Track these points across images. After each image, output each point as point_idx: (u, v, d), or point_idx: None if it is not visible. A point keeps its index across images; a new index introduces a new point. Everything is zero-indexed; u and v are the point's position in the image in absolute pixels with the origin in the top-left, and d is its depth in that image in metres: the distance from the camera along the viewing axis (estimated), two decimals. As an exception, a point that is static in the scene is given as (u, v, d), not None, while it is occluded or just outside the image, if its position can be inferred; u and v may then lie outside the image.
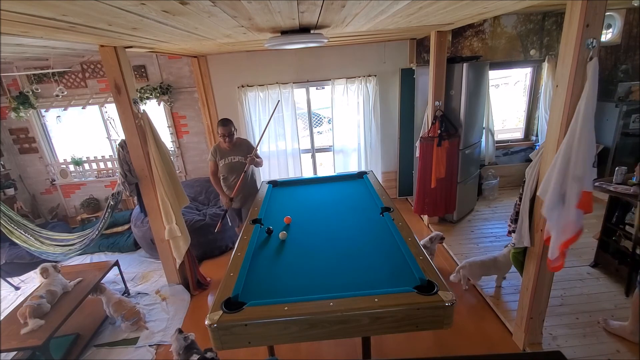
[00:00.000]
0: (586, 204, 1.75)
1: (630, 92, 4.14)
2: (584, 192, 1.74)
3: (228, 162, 3.21)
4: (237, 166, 3.21)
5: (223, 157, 3.20)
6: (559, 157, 1.78)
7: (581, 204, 1.75)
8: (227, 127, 3.10)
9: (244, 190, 3.31)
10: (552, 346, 2.35)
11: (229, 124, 3.13)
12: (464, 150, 3.92)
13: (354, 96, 4.73)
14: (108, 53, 2.59)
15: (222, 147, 3.21)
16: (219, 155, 3.22)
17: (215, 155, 3.23)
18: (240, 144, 3.29)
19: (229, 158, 3.21)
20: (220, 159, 3.21)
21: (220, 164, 3.22)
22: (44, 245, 3.23)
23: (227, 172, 3.25)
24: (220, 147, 3.21)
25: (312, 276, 1.83)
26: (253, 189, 3.42)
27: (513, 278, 3.03)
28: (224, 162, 3.20)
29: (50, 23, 1.52)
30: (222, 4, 1.43)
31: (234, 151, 3.21)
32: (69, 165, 5.01)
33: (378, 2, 1.68)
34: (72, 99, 4.60)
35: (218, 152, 3.22)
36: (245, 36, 2.57)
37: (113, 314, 2.91)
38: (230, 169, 3.23)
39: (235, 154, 3.21)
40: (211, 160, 3.26)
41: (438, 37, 3.47)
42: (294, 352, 2.52)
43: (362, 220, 2.43)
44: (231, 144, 3.17)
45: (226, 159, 3.20)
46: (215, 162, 3.23)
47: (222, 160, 3.20)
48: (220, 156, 3.21)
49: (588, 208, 1.76)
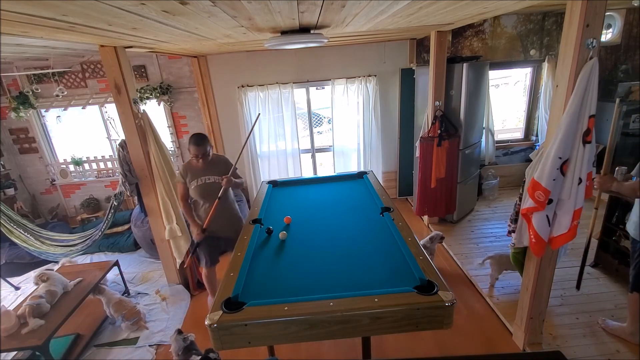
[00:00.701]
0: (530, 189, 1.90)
1: (630, 92, 4.13)
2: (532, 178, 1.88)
3: (201, 183, 2.65)
4: (212, 188, 2.67)
5: (195, 177, 2.65)
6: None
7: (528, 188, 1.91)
8: (202, 146, 2.57)
9: (220, 219, 2.75)
10: (552, 346, 2.35)
11: (203, 143, 2.58)
12: (464, 150, 3.92)
13: (354, 96, 4.73)
14: (108, 53, 2.59)
15: (193, 166, 2.67)
16: (189, 175, 2.67)
17: (185, 175, 2.67)
18: (217, 161, 2.75)
19: (202, 179, 2.65)
20: (191, 180, 2.66)
21: (192, 186, 2.66)
22: (44, 245, 3.23)
23: (199, 195, 2.69)
24: (192, 165, 2.68)
25: (312, 276, 1.83)
26: (234, 218, 2.88)
27: (513, 278, 3.03)
28: (196, 183, 2.65)
29: (50, 23, 1.52)
30: (222, 4, 1.43)
31: (208, 170, 2.67)
32: (69, 165, 5.01)
33: (378, 2, 1.68)
34: (72, 99, 4.60)
35: (189, 171, 2.68)
36: (245, 36, 2.57)
37: (113, 314, 2.91)
38: (203, 192, 2.67)
39: (210, 173, 2.67)
40: (179, 182, 2.70)
41: (438, 37, 3.47)
42: (294, 352, 2.52)
43: (362, 220, 2.43)
44: (205, 162, 2.65)
45: (199, 180, 2.65)
46: (185, 184, 2.68)
47: (194, 182, 2.65)
48: (192, 176, 2.66)
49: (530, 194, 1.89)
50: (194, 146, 2.56)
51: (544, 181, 1.81)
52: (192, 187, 2.66)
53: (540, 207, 1.86)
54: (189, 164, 2.70)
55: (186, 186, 2.69)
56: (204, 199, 2.72)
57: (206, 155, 2.61)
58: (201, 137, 2.60)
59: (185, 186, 2.70)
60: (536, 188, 1.83)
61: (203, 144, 2.58)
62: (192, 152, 2.58)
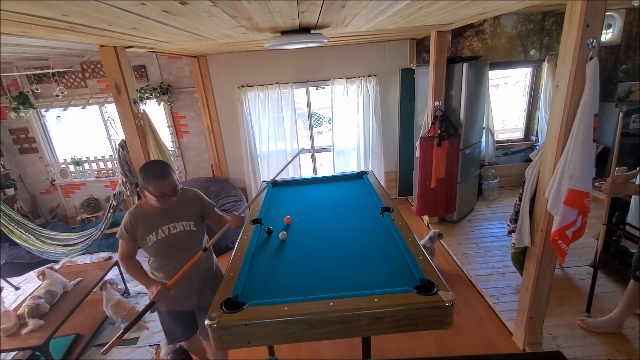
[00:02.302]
0: (574, 202, 1.78)
1: (630, 92, 4.14)
2: (571, 190, 1.77)
3: (164, 236, 1.78)
4: (181, 241, 1.83)
5: (152, 228, 1.77)
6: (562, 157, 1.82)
7: (568, 201, 1.80)
8: (169, 179, 1.71)
9: (195, 282, 1.90)
10: (552, 346, 2.35)
11: (170, 174, 1.72)
12: (464, 150, 3.92)
13: (354, 96, 4.73)
14: (108, 53, 2.59)
15: (148, 212, 1.79)
16: (141, 228, 1.77)
17: (133, 229, 1.76)
18: (189, 199, 1.90)
19: (164, 229, 1.79)
20: (145, 234, 1.77)
21: (149, 243, 1.77)
22: (45, 245, 3.24)
23: (162, 253, 1.82)
24: (145, 211, 1.79)
25: (312, 276, 1.83)
26: (217, 278, 1.96)
27: (513, 278, 3.03)
28: (155, 237, 1.77)
29: (50, 23, 1.52)
30: (222, 4, 1.43)
31: (174, 214, 1.82)
32: (69, 165, 5.01)
33: (378, 2, 1.68)
34: (72, 99, 4.60)
35: (139, 223, 1.77)
36: (245, 36, 2.57)
37: (112, 315, 2.91)
38: (169, 249, 1.81)
39: (176, 218, 1.83)
40: (123, 240, 1.80)
41: (438, 37, 3.47)
42: (294, 352, 2.52)
43: (362, 220, 2.43)
44: (169, 204, 1.76)
45: (159, 232, 1.78)
46: (132, 242, 1.80)
47: (151, 235, 1.77)
48: (147, 228, 1.77)
49: (577, 206, 1.79)
50: (159, 181, 1.67)
51: (588, 186, 1.77)
52: (150, 243, 1.77)
53: (587, 214, 1.85)
54: (139, 210, 1.79)
55: (134, 244, 1.80)
56: (170, 257, 1.83)
57: (176, 191, 1.74)
58: (164, 167, 1.73)
59: (133, 245, 1.80)
60: (584, 196, 1.77)
61: (170, 175, 1.71)
62: (154, 190, 1.67)
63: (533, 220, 2.13)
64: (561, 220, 1.86)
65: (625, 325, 2.41)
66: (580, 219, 1.87)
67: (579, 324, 2.48)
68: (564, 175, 1.81)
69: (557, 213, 1.88)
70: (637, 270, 2.21)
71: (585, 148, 1.71)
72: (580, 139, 1.71)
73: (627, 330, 2.41)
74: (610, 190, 2.12)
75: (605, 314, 2.49)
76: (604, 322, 2.41)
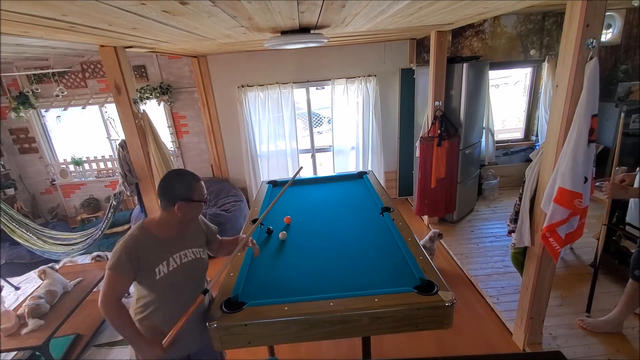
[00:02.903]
0: (563, 200, 1.80)
1: (630, 92, 4.14)
2: (560, 188, 1.79)
3: (177, 266, 1.45)
4: (194, 271, 1.53)
5: (163, 257, 1.42)
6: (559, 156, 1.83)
7: (557, 199, 1.82)
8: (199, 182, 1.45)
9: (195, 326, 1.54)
10: (552, 346, 2.35)
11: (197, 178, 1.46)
12: (464, 150, 3.92)
13: (354, 96, 4.73)
14: (108, 53, 2.59)
15: (158, 236, 1.43)
16: (149, 256, 1.39)
17: (138, 257, 1.36)
18: (197, 223, 1.63)
19: (177, 257, 1.46)
20: (152, 266, 1.39)
21: (157, 276, 1.39)
22: (46, 245, 3.24)
23: (172, 288, 1.45)
24: (154, 234, 1.42)
25: (312, 276, 1.83)
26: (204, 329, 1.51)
27: (513, 278, 3.03)
28: (167, 269, 1.41)
29: (50, 23, 1.52)
30: (222, 4, 1.43)
31: (187, 239, 1.52)
32: (69, 165, 5.01)
33: (378, 2, 1.68)
34: (72, 99, 4.60)
35: (147, 249, 1.39)
36: (245, 36, 2.57)
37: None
38: (180, 282, 1.47)
39: (188, 244, 1.52)
40: (118, 275, 1.35)
41: (438, 37, 3.47)
42: (294, 352, 2.52)
43: (362, 220, 2.43)
44: (185, 226, 1.50)
45: (172, 262, 1.43)
46: (128, 279, 1.38)
47: (162, 266, 1.40)
48: (154, 258, 1.40)
49: (566, 204, 1.80)
50: (200, 182, 1.44)
51: (578, 186, 1.77)
52: (159, 276, 1.39)
53: (583, 215, 1.86)
54: (147, 234, 1.41)
55: (129, 281, 1.38)
56: (178, 294, 1.46)
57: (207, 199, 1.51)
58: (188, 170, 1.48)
59: (129, 281, 1.38)
60: (574, 196, 1.77)
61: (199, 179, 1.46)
62: (200, 194, 1.43)
63: (533, 220, 2.13)
64: (550, 217, 1.88)
65: (625, 325, 2.41)
66: (576, 220, 1.87)
67: (579, 324, 2.48)
68: (557, 173, 1.83)
69: (547, 210, 1.90)
70: (636, 269, 2.21)
71: (577, 148, 1.72)
72: (573, 139, 1.72)
73: (627, 330, 2.41)
74: (610, 192, 2.12)
75: (605, 314, 2.49)
76: (604, 322, 2.41)
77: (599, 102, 1.73)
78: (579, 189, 1.76)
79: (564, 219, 1.85)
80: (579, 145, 1.71)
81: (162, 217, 1.45)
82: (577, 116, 1.71)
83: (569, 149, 1.75)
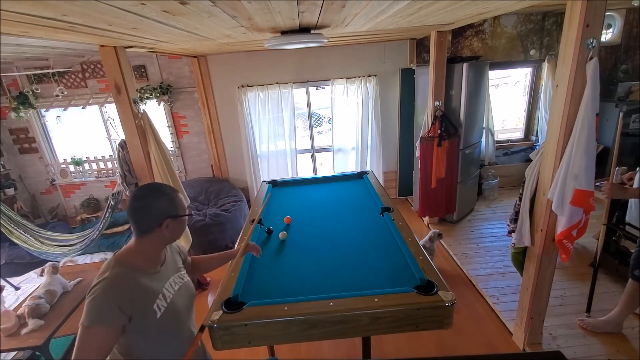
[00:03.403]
0: (580, 201, 1.78)
1: (630, 92, 4.14)
2: (577, 190, 1.77)
3: (172, 297, 1.24)
4: (186, 299, 1.34)
5: (157, 292, 1.19)
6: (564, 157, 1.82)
7: (574, 201, 1.80)
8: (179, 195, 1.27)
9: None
10: (552, 346, 2.35)
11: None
12: (464, 150, 3.92)
13: (354, 96, 4.73)
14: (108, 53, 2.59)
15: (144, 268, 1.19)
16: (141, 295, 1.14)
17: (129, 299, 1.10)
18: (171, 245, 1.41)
19: (169, 287, 1.26)
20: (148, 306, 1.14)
21: (157, 314, 1.16)
22: (44, 246, 3.24)
23: (171, 325, 1.24)
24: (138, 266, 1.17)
25: (312, 276, 1.83)
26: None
27: (513, 278, 3.03)
28: (165, 302, 1.20)
29: (50, 23, 1.52)
30: (222, 4, 1.43)
31: (168, 263, 1.32)
32: (69, 165, 5.01)
33: (378, 2, 1.68)
34: (72, 99, 4.60)
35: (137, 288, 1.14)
36: (245, 36, 2.57)
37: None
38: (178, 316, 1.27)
39: (171, 269, 1.33)
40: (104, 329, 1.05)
41: (438, 37, 3.47)
42: (294, 352, 2.52)
43: (362, 220, 2.43)
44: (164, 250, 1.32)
45: (167, 294, 1.23)
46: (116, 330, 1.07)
47: (159, 301, 1.18)
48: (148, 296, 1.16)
49: (583, 205, 1.79)
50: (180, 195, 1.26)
51: (592, 185, 1.76)
52: (160, 314, 1.17)
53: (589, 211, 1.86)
54: (129, 270, 1.15)
55: (118, 331, 1.09)
56: (177, 330, 1.28)
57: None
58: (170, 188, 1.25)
59: (117, 332, 1.08)
60: (589, 195, 1.77)
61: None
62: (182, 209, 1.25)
63: (533, 220, 2.13)
64: (568, 220, 1.85)
65: (625, 325, 2.41)
66: (584, 217, 1.88)
67: (579, 324, 2.48)
68: (568, 175, 1.80)
69: (562, 213, 1.87)
70: (636, 269, 2.21)
71: (589, 147, 1.71)
72: (583, 139, 1.71)
73: (627, 330, 2.41)
74: (610, 192, 2.11)
75: (605, 314, 2.49)
76: (604, 322, 2.41)
77: (599, 102, 1.73)
78: (592, 187, 1.76)
79: (580, 220, 1.85)
80: (590, 144, 1.71)
81: (141, 245, 1.18)
82: (584, 116, 1.70)
83: (579, 149, 1.72)
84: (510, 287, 2.98)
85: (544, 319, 2.34)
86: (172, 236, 1.23)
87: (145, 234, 1.18)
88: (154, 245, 1.22)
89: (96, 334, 1.04)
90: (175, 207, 1.21)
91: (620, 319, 2.37)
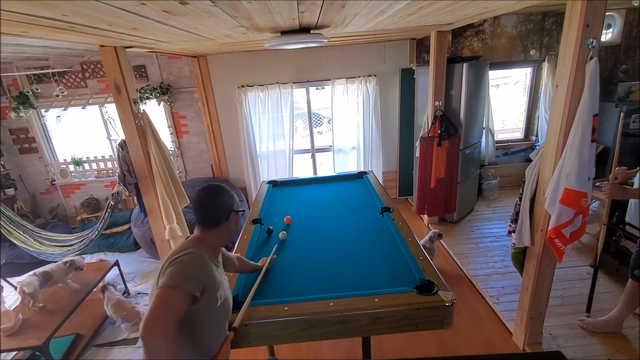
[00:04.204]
0: (569, 201, 1.79)
1: (630, 92, 4.13)
2: (566, 189, 1.78)
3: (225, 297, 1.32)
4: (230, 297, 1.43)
5: (219, 282, 1.30)
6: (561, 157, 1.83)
7: (563, 200, 1.81)
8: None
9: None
10: (552, 346, 2.35)
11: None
12: (464, 150, 3.92)
13: (354, 96, 4.73)
14: (108, 53, 2.59)
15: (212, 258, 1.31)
16: (211, 280, 1.24)
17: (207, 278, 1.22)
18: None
19: (224, 280, 1.39)
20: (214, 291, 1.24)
21: (218, 302, 1.26)
22: (42, 246, 3.24)
23: (222, 316, 1.33)
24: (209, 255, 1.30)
25: (312, 276, 1.83)
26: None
27: (513, 278, 3.03)
28: (224, 293, 1.32)
29: (50, 23, 1.52)
30: (222, 4, 1.43)
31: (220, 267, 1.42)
32: (69, 165, 5.01)
33: (378, 2, 1.68)
34: (72, 99, 4.60)
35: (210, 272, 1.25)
36: (245, 36, 2.57)
37: (112, 314, 2.91)
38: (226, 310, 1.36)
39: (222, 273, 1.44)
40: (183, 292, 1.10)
41: (438, 37, 3.47)
42: (294, 352, 2.52)
43: (362, 220, 2.43)
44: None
45: (225, 285, 1.38)
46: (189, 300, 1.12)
47: (221, 291, 1.29)
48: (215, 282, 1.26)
49: (573, 205, 1.79)
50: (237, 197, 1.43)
51: (584, 185, 1.77)
52: (220, 302, 1.27)
53: (586, 214, 1.86)
54: (203, 251, 1.26)
55: (188, 302, 1.12)
56: (226, 321, 1.39)
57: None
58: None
59: (188, 302, 1.12)
60: (580, 196, 1.77)
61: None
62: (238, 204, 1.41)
63: (533, 220, 2.13)
64: (557, 219, 1.87)
65: (625, 325, 2.41)
66: (579, 219, 1.88)
67: (579, 324, 2.48)
68: (561, 174, 1.82)
69: (553, 211, 1.89)
70: (636, 269, 2.21)
71: (582, 148, 1.71)
72: (577, 139, 1.72)
73: (626, 330, 2.41)
74: (610, 192, 2.11)
75: (605, 314, 2.49)
76: (604, 322, 2.41)
77: (599, 102, 1.73)
78: (584, 188, 1.76)
79: (570, 220, 1.85)
80: (584, 144, 1.71)
81: (209, 236, 1.32)
82: (580, 116, 1.70)
83: (573, 149, 1.74)
84: (510, 287, 2.98)
85: (544, 319, 2.33)
86: (235, 228, 1.40)
87: (214, 227, 1.33)
88: (220, 236, 1.36)
89: (176, 296, 1.09)
90: (236, 203, 1.39)
91: (620, 319, 2.37)
